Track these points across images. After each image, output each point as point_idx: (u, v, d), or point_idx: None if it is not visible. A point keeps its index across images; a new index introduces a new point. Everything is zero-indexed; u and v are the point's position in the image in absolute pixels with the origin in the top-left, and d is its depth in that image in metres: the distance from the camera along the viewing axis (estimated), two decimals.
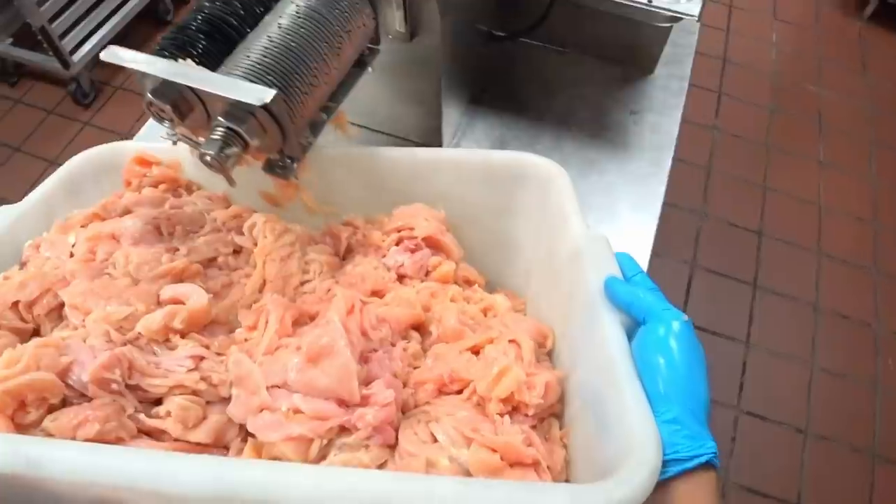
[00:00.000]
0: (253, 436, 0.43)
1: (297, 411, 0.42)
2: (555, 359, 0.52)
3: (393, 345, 0.49)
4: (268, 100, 0.44)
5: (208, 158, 0.49)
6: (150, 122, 0.89)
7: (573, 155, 0.84)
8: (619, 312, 0.44)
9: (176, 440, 0.44)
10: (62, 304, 0.49)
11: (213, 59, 0.51)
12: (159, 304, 0.50)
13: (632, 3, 0.76)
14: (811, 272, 1.70)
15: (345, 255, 0.61)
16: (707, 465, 0.36)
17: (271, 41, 0.50)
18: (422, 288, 0.56)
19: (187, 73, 0.47)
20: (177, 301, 0.50)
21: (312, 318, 0.50)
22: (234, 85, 0.46)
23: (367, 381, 0.44)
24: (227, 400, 0.46)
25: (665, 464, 0.35)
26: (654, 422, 0.36)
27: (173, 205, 0.59)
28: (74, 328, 0.48)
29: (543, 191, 0.57)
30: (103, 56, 0.51)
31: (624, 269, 0.47)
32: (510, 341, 0.49)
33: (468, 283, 0.61)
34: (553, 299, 0.54)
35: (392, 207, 0.62)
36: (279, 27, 0.50)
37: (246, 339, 0.49)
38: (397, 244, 0.59)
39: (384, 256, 0.59)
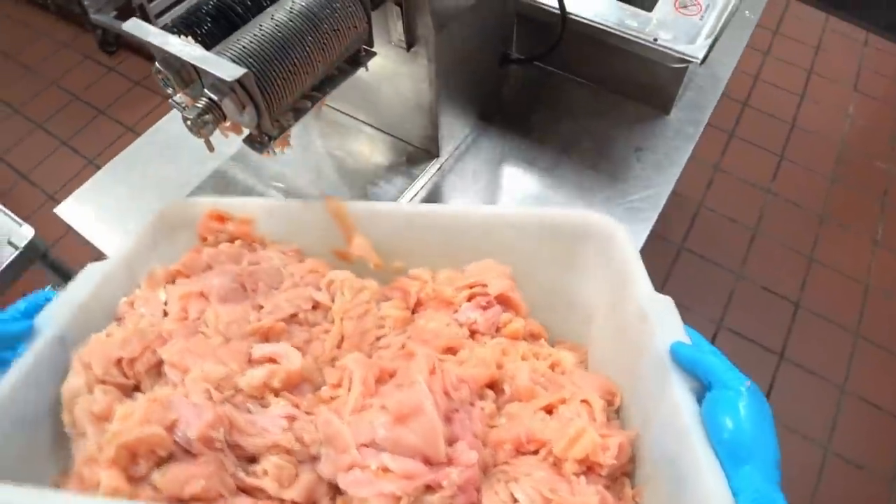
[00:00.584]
0: (341, 492, 0.46)
1: (385, 469, 0.44)
2: (623, 416, 0.54)
3: (472, 404, 0.52)
4: (238, 76, 0.50)
5: (189, 123, 0.55)
6: (167, 117, 0.97)
7: (567, 180, 0.86)
8: (688, 376, 0.46)
9: (271, 498, 0.46)
10: (160, 362, 0.51)
11: (213, 40, 0.58)
12: (250, 362, 0.52)
13: (636, 39, 0.78)
14: (844, 353, 1.60)
15: (415, 309, 0.63)
16: None
17: (261, 30, 0.56)
18: (493, 344, 0.58)
19: (181, 47, 0.54)
20: (269, 359, 0.52)
21: (391, 375, 0.53)
22: (214, 61, 0.52)
23: (450, 441, 0.46)
24: (315, 458, 0.48)
25: None
26: (729, 491, 0.38)
27: (251, 260, 0.61)
28: (174, 385, 0.49)
29: (604, 247, 0.59)
30: (125, 27, 0.59)
31: (697, 345, 0.49)
32: (582, 401, 0.51)
33: (534, 336, 0.63)
34: (619, 356, 0.56)
35: (455, 261, 0.64)
36: (272, 19, 0.57)
37: (331, 398, 0.52)
38: (468, 300, 0.61)
39: (456, 312, 0.61)
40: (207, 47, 0.56)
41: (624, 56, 0.84)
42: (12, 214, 1.02)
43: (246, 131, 0.62)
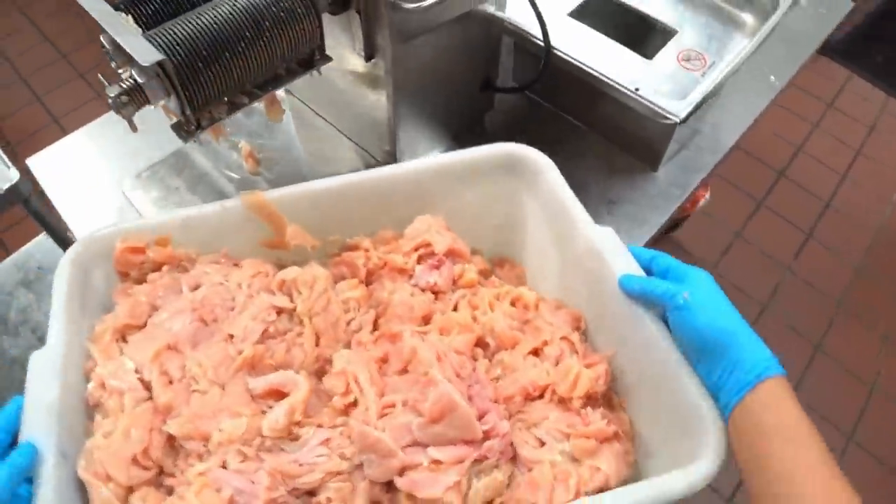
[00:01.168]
0: (395, 488, 0.49)
1: (437, 462, 0.48)
2: (592, 339, 0.60)
3: (474, 370, 0.55)
4: (152, 62, 0.49)
5: (109, 100, 0.54)
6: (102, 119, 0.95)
7: None
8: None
9: None
10: (169, 437, 0.50)
11: (156, 21, 0.57)
12: (253, 399, 0.52)
13: (617, 86, 0.74)
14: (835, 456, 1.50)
15: (368, 280, 0.63)
16: (773, 377, 0.43)
17: (199, 19, 0.54)
18: (457, 298, 0.61)
19: (114, 23, 0.52)
20: (272, 390, 0.52)
21: (384, 360, 0.55)
22: (135, 43, 0.51)
23: (478, 417, 0.51)
24: (359, 466, 0.49)
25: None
26: (706, 392, 0.46)
27: (190, 284, 0.58)
28: (199, 455, 0.49)
29: (534, 178, 0.64)
30: None
31: (638, 258, 0.54)
32: (562, 338, 0.58)
33: (484, 274, 0.66)
34: (574, 285, 0.61)
35: (390, 218, 0.64)
36: (213, 9, 0.55)
37: (346, 405, 0.52)
38: (418, 262, 0.62)
39: (411, 277, 0.61)
40: (148, 28, 0.55)
41: (611, 102, 0.80)
42: (3, 156, 1.04)
43: None
